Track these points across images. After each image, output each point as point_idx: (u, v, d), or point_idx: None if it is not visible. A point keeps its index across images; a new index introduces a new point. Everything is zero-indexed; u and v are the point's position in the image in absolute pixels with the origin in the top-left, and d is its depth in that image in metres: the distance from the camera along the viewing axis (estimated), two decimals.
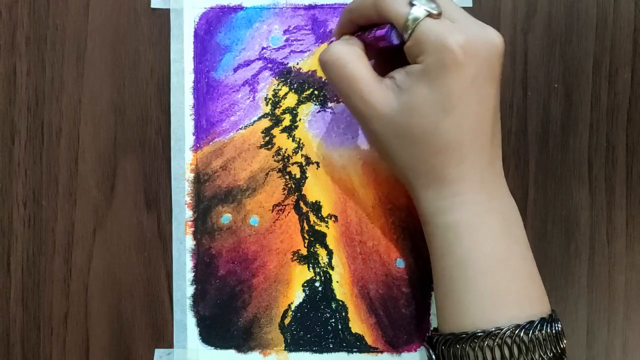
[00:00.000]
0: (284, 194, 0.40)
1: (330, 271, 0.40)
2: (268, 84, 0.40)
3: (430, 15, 0.31)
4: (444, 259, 0.33)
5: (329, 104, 0.40)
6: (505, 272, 0.32)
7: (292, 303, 0.40)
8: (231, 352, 0.40)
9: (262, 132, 0.40)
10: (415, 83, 0.32)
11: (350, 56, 0.34)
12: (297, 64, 0.40)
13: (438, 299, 0.34)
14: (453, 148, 0.32)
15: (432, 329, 0.39)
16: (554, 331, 0.32)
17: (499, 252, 0.32)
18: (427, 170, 0.33)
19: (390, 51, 0.34)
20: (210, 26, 0.40)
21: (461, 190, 0.33)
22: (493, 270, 0.32)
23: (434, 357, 0.34)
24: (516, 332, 0.31)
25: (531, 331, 0.31)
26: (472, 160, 0.32)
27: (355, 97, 0.33)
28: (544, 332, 0.31)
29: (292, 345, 0.40)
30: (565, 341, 0.32)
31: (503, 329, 0.31)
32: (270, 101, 0.40)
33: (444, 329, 0.33)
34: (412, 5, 0.32)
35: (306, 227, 0.40)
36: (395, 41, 0.33)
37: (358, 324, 0.40)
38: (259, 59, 0.40)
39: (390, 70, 0.34)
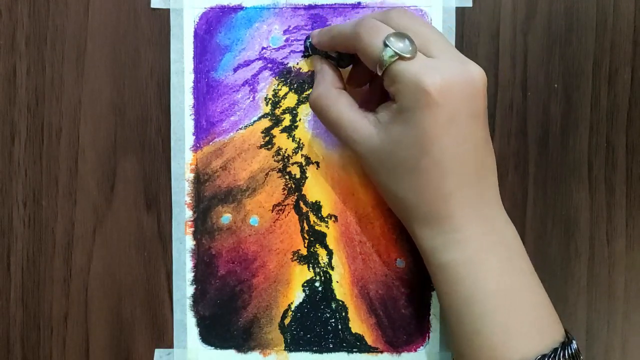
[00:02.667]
0: (284, 194, 0.40)
1: (330, 271, 0.40)
2: (268, 84, 0.40)
3: (401, 58, 0.32)
4: (449, 298, 0.33)
5: None
6: (511, 308, 0.32)
7: (292, 303, 0.40)
8: (231, 352, 0.40)
9: (262, 132, 0.40)
10: (393, 121, 0.32)
11: (332, 99, 0.35)
12: (297, 64, 0.40)
13: (451, 335, 0.34)
14: (435, 187, 0.32)
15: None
16: (566, 355, 0.31)
17: (503, 288, 0.32)
18: (416, 207, 0.33)
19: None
20: (210, 26, 0.40)
21: (453, 227, 0.32)
22: (499, 308, 0.32)
23: None
24: None
25: None
26: (458, 197, 0.32)
27: (341, 135, 0.35)
28: None
29: (292, 345, 0.40)
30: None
31: None
32: (270, 101, 0.40)
33: None
34: (385, 46, 0.32)
35: (306, 227, 0.40)
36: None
37: (358, 324, 0.40)
38: (259, 59, 0.40)
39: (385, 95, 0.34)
